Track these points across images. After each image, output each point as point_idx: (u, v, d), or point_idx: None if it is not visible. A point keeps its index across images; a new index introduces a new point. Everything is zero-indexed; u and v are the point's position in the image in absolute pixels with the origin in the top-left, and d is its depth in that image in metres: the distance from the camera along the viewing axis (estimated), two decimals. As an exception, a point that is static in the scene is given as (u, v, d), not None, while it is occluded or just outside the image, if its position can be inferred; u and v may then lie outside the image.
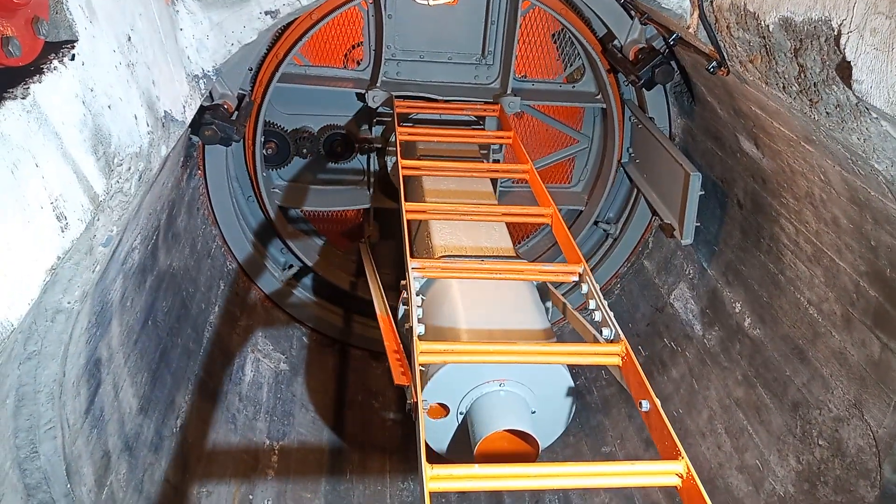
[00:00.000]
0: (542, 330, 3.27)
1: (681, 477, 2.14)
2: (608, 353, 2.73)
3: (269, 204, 5.18)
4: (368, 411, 5.35)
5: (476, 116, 5.31)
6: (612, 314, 2.90)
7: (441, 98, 5.12)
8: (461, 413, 3.02)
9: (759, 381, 4.03)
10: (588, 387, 5.39)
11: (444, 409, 3.05)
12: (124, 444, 3.28)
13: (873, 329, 3.17)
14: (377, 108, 5.08)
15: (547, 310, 3.68)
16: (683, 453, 2.16)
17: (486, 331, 3.23)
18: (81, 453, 2.82)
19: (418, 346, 2.61)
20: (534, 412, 3.00)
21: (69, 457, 2.69)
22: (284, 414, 4.89)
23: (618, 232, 5.60)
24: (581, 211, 5.73)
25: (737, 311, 4.34)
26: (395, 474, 5.12)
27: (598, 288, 3.07)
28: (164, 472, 3.66)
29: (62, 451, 2.61)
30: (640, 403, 2.43)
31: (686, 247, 4.88)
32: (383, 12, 4.91)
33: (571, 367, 3.11)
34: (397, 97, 5.04)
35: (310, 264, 5.56)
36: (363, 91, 5.05)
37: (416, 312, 2.88)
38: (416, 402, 2.40)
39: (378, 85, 5.06)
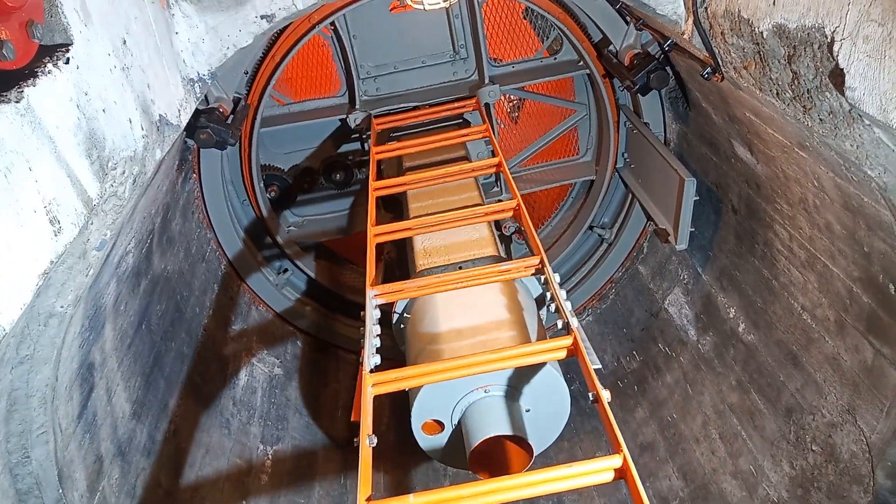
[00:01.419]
0: (519, 327, 3.26)
1: (618, 471, 2.14)
2: (554, 347, 2.66)
3: (265, 208, 5.18)
4: (363, 416, 5.33)
5: (458, 114, 5.26)
6: (568, 305, 2.84)
7: (423, 104, 5.10)
8: (455, 424, 3.02)
9: (753, 387, 4.04)
10: (582, 391, 5.38)
11: (439, 424, 3.04)
12: (117, 449, 3.27)
13: (866, 335, 3.18)
14: (361, 127, 5.10)
15: (545, 307, 3.67)
16: (623, 447, 2.15)
17: (464, 331, 3.23)
18: (74, 458, 2.81)
19: (368, 381, 2.59)
20: (528, 410, 2.98)
21: (61, 462, 2.68)
22: (278, 418, 4.88)
23: (613, 237, 5.61)
24: (592, 181, 5.65)
25: (731, 316, 4.35)
26: (388, 480, 5.10)
27: (555, 278, 3.03)
28: (157, 476, 3.64)
29: (54, 455, 2.60)
30: (589, 395, 2.42)
31: (681, 252, 4.89)
32: (344, 36, 4.97)
33: (562, 366, 3.09)
34: (380, 113, 5.06)
35: (305, 269, 5.56)
36: (345, 116, 5.10)
37: (372, 344, 2.82)
38: (360, 440, 2.34)
39: (358, 106, 5.11)
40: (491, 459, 2.87)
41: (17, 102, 1.78)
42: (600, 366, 2.65)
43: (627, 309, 5.46)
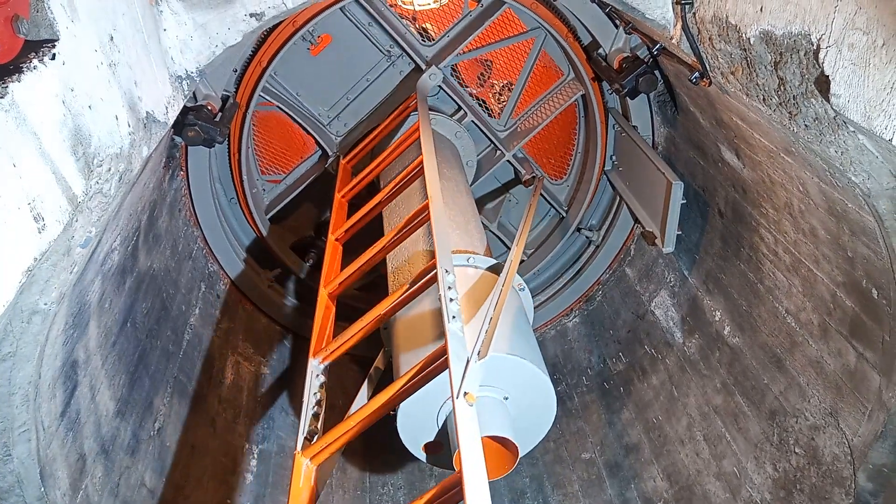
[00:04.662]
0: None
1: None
2: (415, 372, 2.56)
3: (256, 212, 5.17)
4: (349, 415, 5.32)
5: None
6: (454, 307, 2.69)
7: (379, 123, 5.01)
8: (442, 432, 3.02)
9: (738, 389, 4.07)
10: (569, 392, 5.41)
11: (436, 444, 3.05)
12: (100, 448, 3.24)
13: (849, 339, 3.21)
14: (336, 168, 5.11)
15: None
16: (462, 461, 2.08)
17: (417, 353, 3.18)
18: (56, 456, 2.79)
19: (300, 460, 2.55)
20: (506, 398, 2.97)
21: (43, 460, 2.66)
22: (264, 418, 4.86)
23: (600, 239, 5.63)
24: (588, 102, 5.31)
25: (716, 319, 4.38)
26: (374, 479, 5.10)
27: (444, 280, 2.85)
28: (141, 475, 3.62)
29: (36, 454, 2.58)
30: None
31: (667, 255, 4.91)
32: (288, 98, 5.02)
33: (548, 366, 3.07)
34: (347, 150, 5.03)
35: (292, 268, 5.55)
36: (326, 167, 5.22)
37: (309, 413, 2.71)
38: None
39: (332, 151, 5.18)
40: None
41: (0, 98, 1.77)
42: (486, 357, 2.59)
43: (614, 311, 5.48)
